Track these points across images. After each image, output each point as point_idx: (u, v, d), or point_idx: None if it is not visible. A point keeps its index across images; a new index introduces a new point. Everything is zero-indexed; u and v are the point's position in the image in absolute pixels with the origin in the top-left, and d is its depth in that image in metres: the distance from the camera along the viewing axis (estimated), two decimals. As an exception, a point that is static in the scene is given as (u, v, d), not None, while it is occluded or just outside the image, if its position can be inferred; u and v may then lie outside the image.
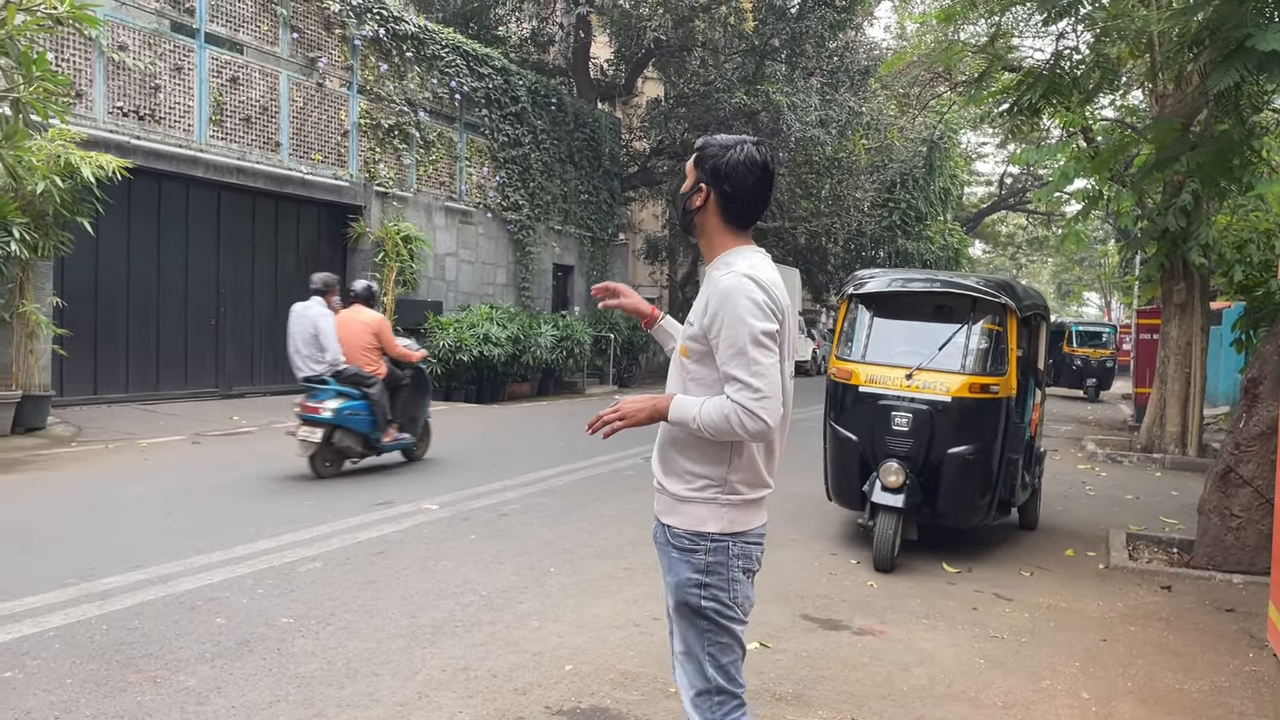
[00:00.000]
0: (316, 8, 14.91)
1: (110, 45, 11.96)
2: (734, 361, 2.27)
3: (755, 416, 2.27)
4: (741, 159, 2.44)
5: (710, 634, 2.43)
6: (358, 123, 15.62)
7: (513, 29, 24.45)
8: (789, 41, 22.63)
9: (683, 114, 23.22)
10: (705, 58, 23.75)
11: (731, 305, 2.31)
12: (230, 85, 13.58)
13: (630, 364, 22.68)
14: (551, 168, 20.48)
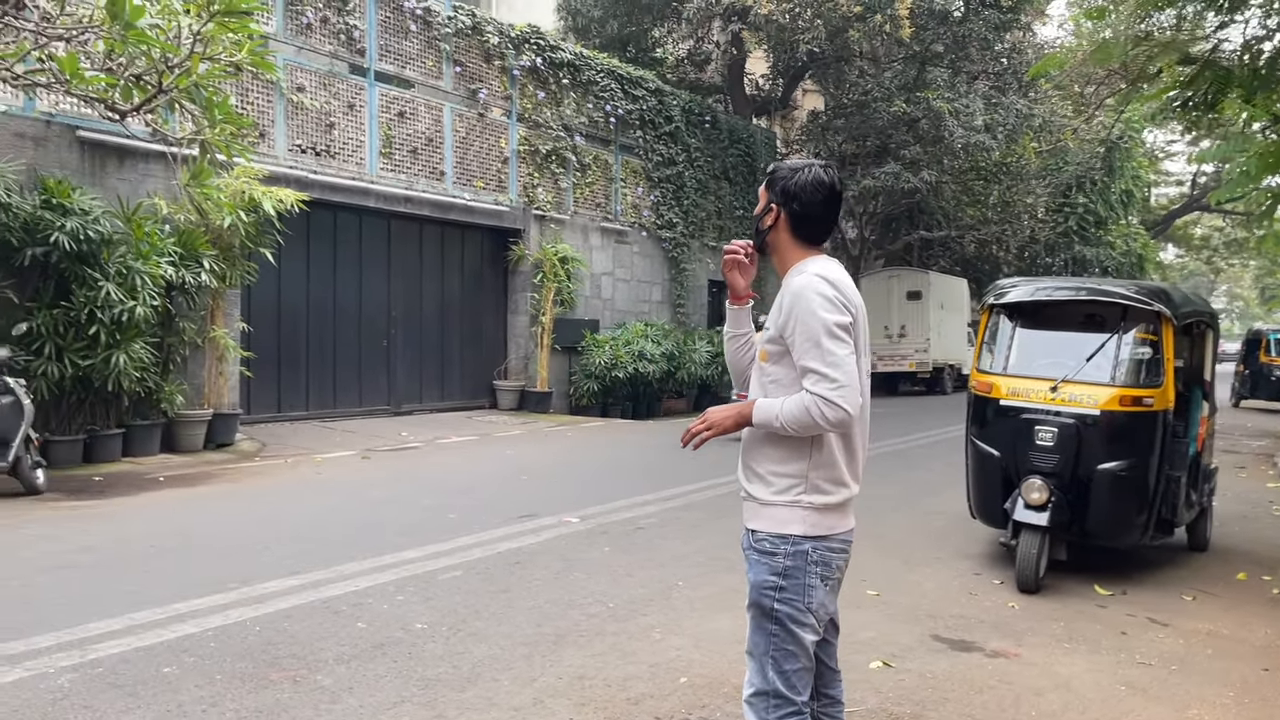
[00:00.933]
0: (477, 42, 15.59)
1: (289, 88, 12.87)
2: (810, 354, 2.38)
3: (834, 405, 2.35)
4: (809, 180, 2.60)
5: (777, 638, 2.49)
6: (517, 149, 16.21)
7: (669, 50, 24.81)
8: (951, 46, 22.01)
9: (840, 125, 22.94)
10: (864, 67, 23.39)
11: (803, 301, 2.43)
12: (398, 119, 14.37)
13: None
14: (706, 185, 20.61)
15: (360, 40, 13.84)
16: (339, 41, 13.57)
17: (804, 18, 19.02)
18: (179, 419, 11.03)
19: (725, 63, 24.10)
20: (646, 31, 23.54)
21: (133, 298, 9.83)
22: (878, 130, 21.87)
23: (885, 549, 6.82)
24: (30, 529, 6.85)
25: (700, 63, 24.94)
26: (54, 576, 5.54)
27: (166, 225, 10.77)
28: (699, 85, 24.64)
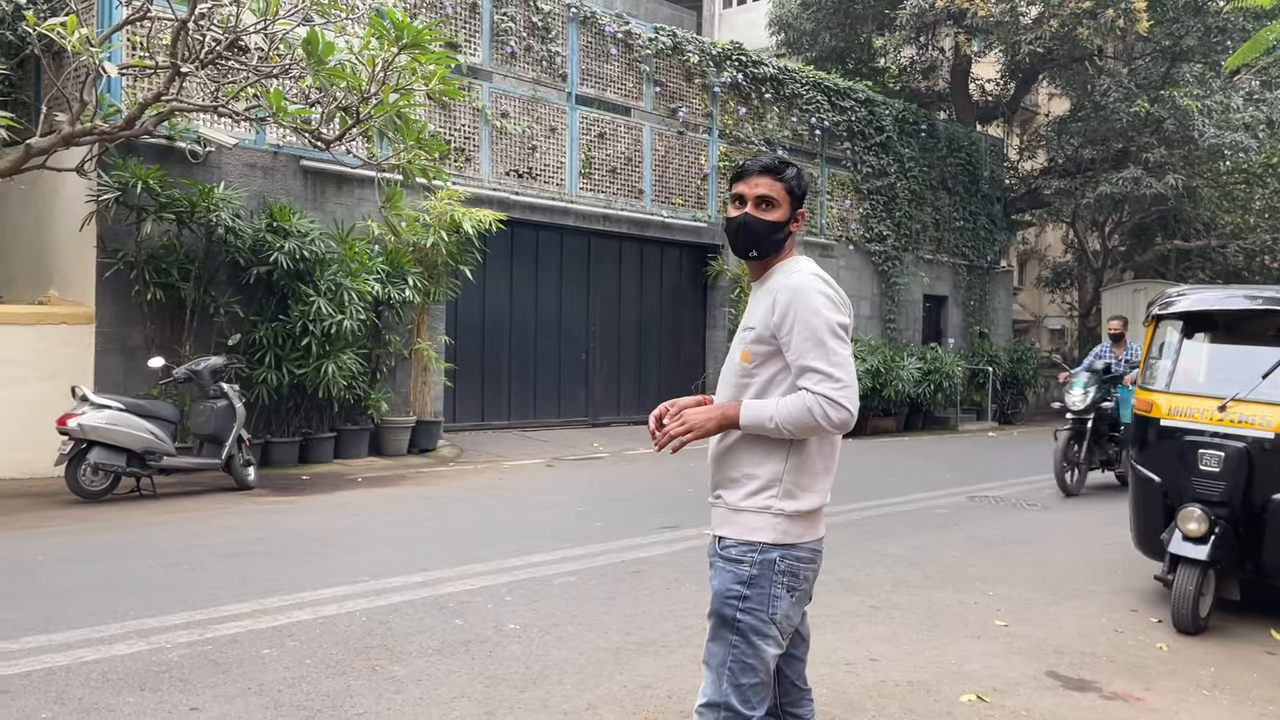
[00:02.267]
0: (678, 61, 15.83)
1: (494, 113, 13.59)
2: (813, 353, 2.30)
3: (839, 406, 2.28)
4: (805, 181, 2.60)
5: (737, 649, 2.38)
6: (717, 166, 16.29)
7: (891, 59, 24.16)
8: (1205, 39, 20.10)
9: (1076, 128, 21.45)
10: (1104, 65, 21.80)
11: (804, 299, 2.36)
12: (598, 140, 14.83)
13: (1015, 400, 21.19)
14: (921, 196, 19.85)
15: (562, 66, 14.41)
16: (541, 68, 14.19)
17: (1027, 17, 18.00)
18: (385, 425, 11.86)
19: (949, 68, 23.21)
20: (866, 42, 23.04)
21: (341, 312, 10.67)
22: (1116, 132, 20.27)
23: (1036, 579, 6.29)
24: (222, 520, 7.59)
25: (925, 70, 24.13)
26: (219, 562, 6.11)
27: (376, 245, 11.63)
28: (925, 93, 23.83)
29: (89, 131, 8.16)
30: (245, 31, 8.45)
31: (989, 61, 23.95)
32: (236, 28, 8.47)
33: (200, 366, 9.10)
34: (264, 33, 8.57)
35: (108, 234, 9.79)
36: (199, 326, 10.35)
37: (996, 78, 23.96)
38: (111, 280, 9.80)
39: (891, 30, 20.29)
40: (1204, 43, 20.22)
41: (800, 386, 2.31)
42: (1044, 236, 31.31)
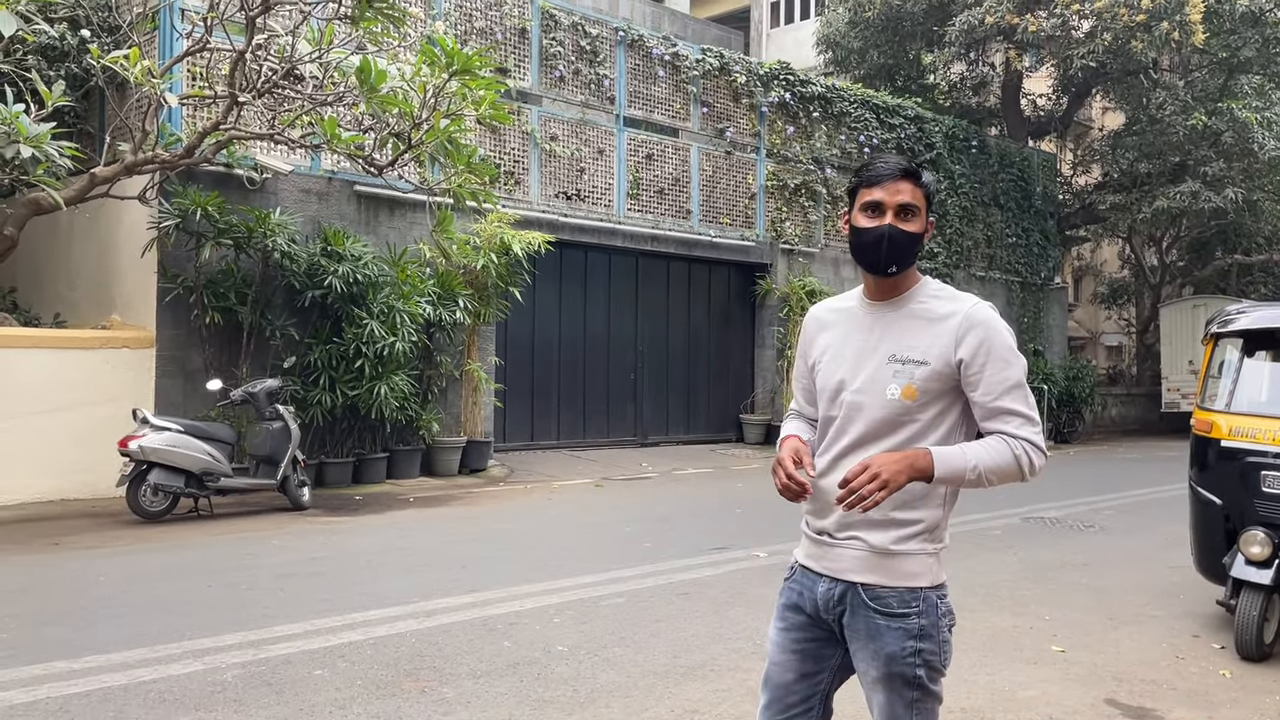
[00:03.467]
0: (725, 82, 15.88)
1: (543, 137, 13.72)
2: (1013, 395, 2.15)
3: (1042, 452, 2.17)
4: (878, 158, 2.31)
5: (919, 702, 2.20)
6: (764, 185, 16.28)
7: (940, 75, 23.98)
8: (1263, 49, 19.70)
9: (1131, 142, 21.11)
10: (1159, 78, 21.44)
11: (997, 335, 2.18)
12: (645, 162, 14.90)
13: (1072, 418, 20.81)
14: (972, 212, 19.64)
15: (610, 89, 14.52)
16: (590, 91, 14.32)
17: (1080, 31, 17.79)
18: (436, 445, 11.97)
19: (1000, 84, 22.98)
20: (915, 59, 22.91)
21: (393, 334, 10.81)
22: (1174, 145, 19.90)
23: (1094, 604, 6.16)
24: (277, 540, 7.71)
25: (975, 86, 23.92)
26: (274, 582, 6.20)
27: (428, 268, 11.79)
28: (975, 110, 23.61)
29: (150, 160, 8.39)
30: (301, 61, 8.64)
31: (1041, 76, 23.67)
32: (292, 57, 8.67)
33: (257, 388, 9.28)
34: (319, 62, 8.76)
35: (168, 259, 10.04)
36: (255, 349, 10.55)
37: (1049, 93, 23.66)
38: (171, 305, 10.05)
39: (941, 47, 20.15)
40: (1263, 54, 19.82)
41: (994, 430, 2.16)
42: (1099, 252, 30.78)
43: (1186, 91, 20.17)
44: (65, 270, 11.60)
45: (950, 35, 18.97)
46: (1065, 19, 17.15)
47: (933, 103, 22.63)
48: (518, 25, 13.53)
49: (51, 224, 10.98)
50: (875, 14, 19.81)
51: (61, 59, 9.18)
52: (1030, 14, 17.61)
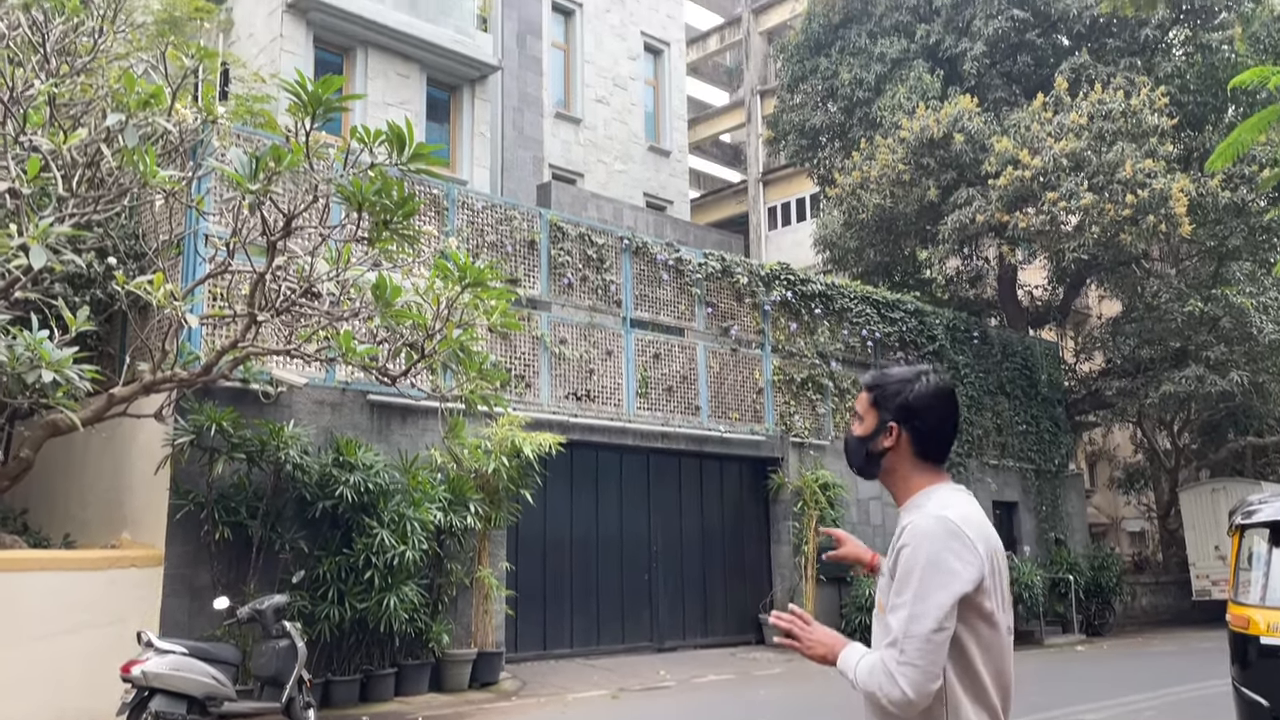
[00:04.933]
0: (728, 283, 16.36)
1: (553, 341, 14.01)
2: (897, 611, 2.08)
3: (893, 681, 2.04)
4: (930, 390, 2.33)
5: None
6: (771, 380, 16.48)
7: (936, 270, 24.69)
8: (1249, 238, 20.38)
9: (1131, 329, 21.48)
10: (1151, 267, 22.05)
11: (912, 550, 2.13)
12: (653, 361, 15.16)
13: (1101, 609, 20.18)
14: (980, 401, 19.76)
15: (617, 293, 14.95)
16: (597, 296, 14.74)
17: (1068, 225, 18.43)
18: (446, 658, 11.58)
19: (996, 276, 23.63)
20: (911, 255, 23.68)
21: (404, 542, 10.67)
22: (1172, 332, 20.24)
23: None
24: (279, 768, 7.33)
25: (971, 279, 24.60)
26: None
27: (439, 474, 11.77)
28: (974, 302, 24.20)
29: (169, 379, 8.55)
30: (319, 280, 8.94)
31: (1035, 268, 24.37)
32: (311, 276, 8.98)
33: (264, 605, 9.06)
34: (336, 280, 9.06)
35: (181, 476, 10.05)
36: (264, 564, 10.40)
37: (1044, 283, 24.30)
38: (181, 521, 9.98)
39: (935, 244, 20.87)
40: (1250, 242, 20.48)
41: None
42: (1111, 437, 30.75)
43: (1179, 279, 20.70)
44: (78, 489, 11.60)
45: (943, 233, 19.66)
46: (1054, 215, 17.81)
47: (931, 296, 23.21)
48: (527, 238, 14.08)
49: (66, 443, 11.06)
50: (869, 216, 20.61)
51: (87, 285, 9.52)
52: (1019, 211, 18.31)
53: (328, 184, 8.47)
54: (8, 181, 6.32)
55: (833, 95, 23.52)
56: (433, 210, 13.05)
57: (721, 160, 41.52)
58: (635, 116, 26.59)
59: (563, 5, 25.19)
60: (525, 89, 22.78)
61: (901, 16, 22.59)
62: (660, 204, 26.70)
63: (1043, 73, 21.28)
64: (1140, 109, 18.18)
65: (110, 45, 7.79)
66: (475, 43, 19.13)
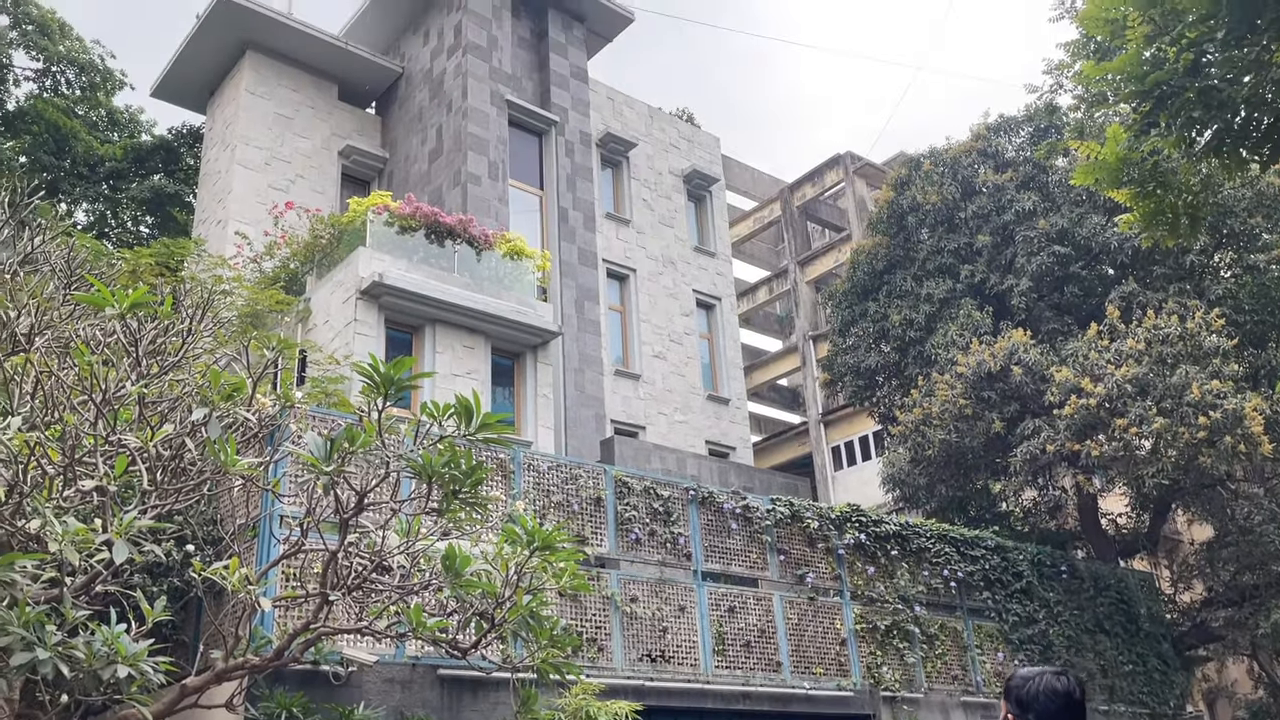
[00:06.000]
0: (798, 528, 16.07)
1: (624, 599, 13.71)
2: None
3: None
4: (1040, 689, 2.90)
5: None
6: (854, 629, 15.80)
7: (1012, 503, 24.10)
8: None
9: (1228, 554, 20.48)
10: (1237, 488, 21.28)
11: None
12: (728, 615, 14.68)
13: None
14: (1079, 640, 18.65)
15: (686, 545, 14.74)
16: (666, 550, 14.54)
17: (1143, 450, 18.03)
18: None
19: (1076, 506, 22.94)
20: (983, 489, 23.21)
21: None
22: (1273, 555, 19.23)
23: None
24: None
25: (1050, 510, 23.89)
26: None
27: (512, 752, 11.24)
28: (1056, 534, 23.38)
29: (241, 665, 8.45)
30: (390, 554, 8.96)
31: (1116, 495, 23.66)
32: (382, 551, 9.01)
33: None
34: (407, 552, 9.08)
35: (249, 766, 9.72)
36: None
37: (1127, 511, 23.50)
38: (247, 816, 9.56)
39: (1007, 476, 20.47)
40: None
41: None
42: (1226, 671, 28.58)
43: (1270, 500, 19.87)
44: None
45: (1014, 465, 19.35)
46: (1126, 441, 17.48)
47: (1011, 530, 22.51)
48: (593, 495, 14.12)
49: (136, 734, 10.84)
50: (935, 451, 20.43)
51: (165, 574, 9.66)
52: (1090, 440, 18.01)
53: (399, 459, 8.66)
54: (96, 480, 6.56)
55: (884, 336, 24.00)
56: (499, 474, 13.23)
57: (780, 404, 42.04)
58: (692, 368, 27.30)
59: (617, 271, 26.58)
60: (585, 350, 23.63)
61: (944, 259, 23.34)
62: (723, 451, 26.84)
63: (1092, 302, 21.56)
64: (1198, 331, 18.21)
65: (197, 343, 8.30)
66: (536, 312, 20.05)
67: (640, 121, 29.39)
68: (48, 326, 7.61)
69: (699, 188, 30.17)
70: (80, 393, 7.08)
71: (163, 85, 27.42)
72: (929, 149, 25.19)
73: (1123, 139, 9.66)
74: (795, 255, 36.02)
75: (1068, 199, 22.22)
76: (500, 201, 23.43)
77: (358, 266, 17.72)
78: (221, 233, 23.14)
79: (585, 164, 26.05)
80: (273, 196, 23.22)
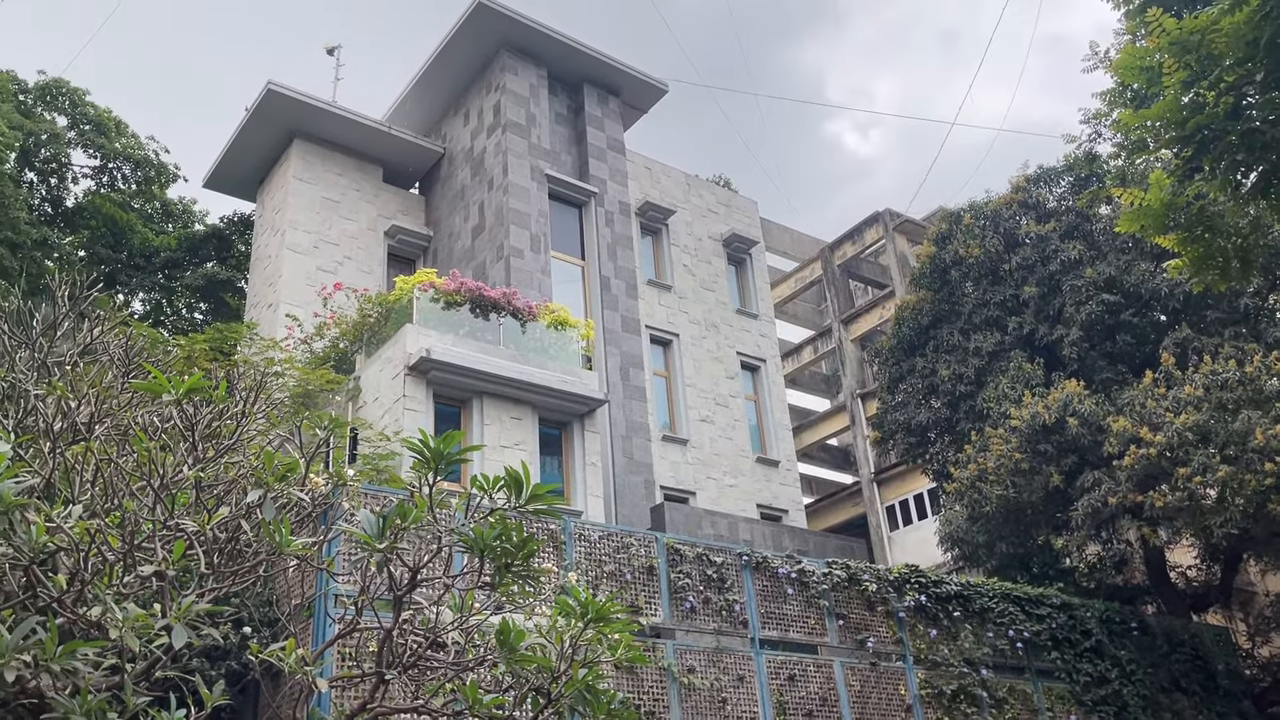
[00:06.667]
0: (856, 592, 15.75)
1: (680, 670, 13.47)
2: None
3: None
4: None
5: None
6: (919, 694, 15.36)
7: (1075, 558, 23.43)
8: None
9: (1305, 604, 19.70)
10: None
11: None
12: (788, 684, 14.35)
13: None
14: (1156, 700, 17.95)
15: (741, 613, 14.50)
16: (721, 618, 14.31)
17: (1209, 499, 17.52)
18: None
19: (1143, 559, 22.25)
20: (1045, 544, 22.62)
21: None
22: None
23: None
24: None
25: (1115, 564, 23.17)
26: None
27: (573, 831, 10.98)
28: (1123, 589, 22.65)
29: (297, 750, 8.41)
30: (445, 630, 8.92)
31: (1183, 547, 22.93)
32: (436, 628, 8.97)
33: None
34: (461, 628, 9.03)
35: None
36: None
37: (1196, 563, 22.75)
38: None
39: (1068, 531, 19.94)
40: None
41: None
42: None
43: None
44: None
45: (1075, 520, 18.89)
46: (1190, 491, 17.00)
47: (1076, 586, 21.83)
48: (645, 564, 13.98)
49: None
50: (993, 508, 20.01)
51: (223, 657, 9.68)
52: (1153, 491, 17.54)
53: (451, 534, 8.67)
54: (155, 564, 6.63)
55: (934, 391, 23.72)
56: (551, 545, 13.16)
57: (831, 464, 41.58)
58: (740, 431, 27.15)
59: (661, 337, 26.66)
60: (632, 417, 23.63)
61: (990, 312, 23.13)
62: (774, 514, 26.52)
63: (1145, 349, 21.18)
64: (1257, 375, 17.77)
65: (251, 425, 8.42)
66: (582, 380, 20.13)
67: (678, 189, 29.72)
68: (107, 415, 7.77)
69: (739, 251, 30.31)
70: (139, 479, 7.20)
71: (215, 176, 28.35)
72: (969, 203, 25.15)
73: (1166, 184, 9.57)
74: (839, 314, 35.94)
75: (1113, 247, 21.99)
76: (543, 273, 23.73)
77: (405, 343, 17.97)
78: (273, 316, 23.65)
79: (625, 233, 26.35)
80: (321, 278, 23.73)
